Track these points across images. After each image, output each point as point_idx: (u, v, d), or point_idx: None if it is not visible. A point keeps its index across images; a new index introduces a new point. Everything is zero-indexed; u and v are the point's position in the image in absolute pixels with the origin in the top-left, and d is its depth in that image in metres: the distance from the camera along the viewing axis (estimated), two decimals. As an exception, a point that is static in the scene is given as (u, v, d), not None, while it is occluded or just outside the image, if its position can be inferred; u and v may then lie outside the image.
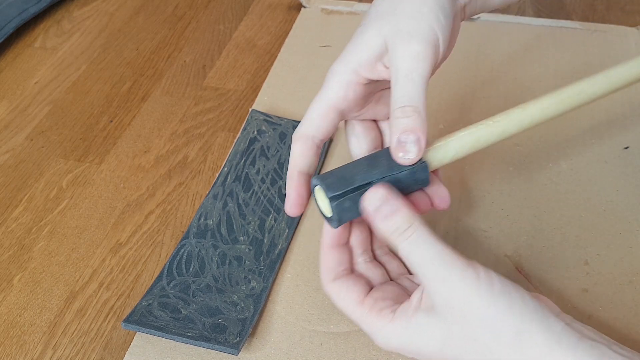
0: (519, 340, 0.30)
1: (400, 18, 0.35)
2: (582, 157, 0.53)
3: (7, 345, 0.43)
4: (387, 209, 0.33)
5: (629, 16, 0.70)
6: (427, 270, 0.32)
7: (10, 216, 0.51)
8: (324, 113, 0.37)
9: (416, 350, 0.33)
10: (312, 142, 0.37)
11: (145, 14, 0.75)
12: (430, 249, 0.32)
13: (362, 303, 0.35)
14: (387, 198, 0.33)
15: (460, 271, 0.31)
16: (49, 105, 0.62)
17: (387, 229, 0.33)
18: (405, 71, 0.34)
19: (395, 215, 0.33)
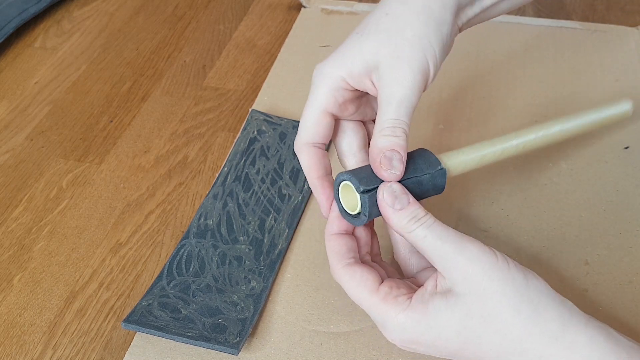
0: (537, 315, 0.31)
1: (399, 42, 0.36)
2: (582, 157, 0.53)
3: (7, 345, 0.43)
4: (404, 199, 0.34)
5: (629, 16, 0.70)
6: (446, 250, 0.33)
7: (10, 216, 0.51)
8: (318, 118, 0.38)
9: (431, 340, 0.33)
10: (315, 148, 0.38)
11: (145, 14, 0.75)
12: (447, 230, 0.33)
13: (376, 290, 0.34)
14: (402, 192, 0.34)
15: (478, 249, 0.32)
16: (49, 105, 0.62)
17: (404, 216, 0.34)
18: (398, 98, 0.35)
19: (411, 205, 0.34)
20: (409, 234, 0.34)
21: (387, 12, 0.37)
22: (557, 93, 0.59)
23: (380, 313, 0.34)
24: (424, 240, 0.33)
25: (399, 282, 0.36)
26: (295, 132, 0.55)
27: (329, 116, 0.38)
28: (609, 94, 0.59)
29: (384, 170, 0.35)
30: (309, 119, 0.38)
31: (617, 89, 0.59)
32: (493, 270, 0.32)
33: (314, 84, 0.38)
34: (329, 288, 0.45)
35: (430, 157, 0.37)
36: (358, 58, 0.37)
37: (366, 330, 0.42)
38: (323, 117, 0.38)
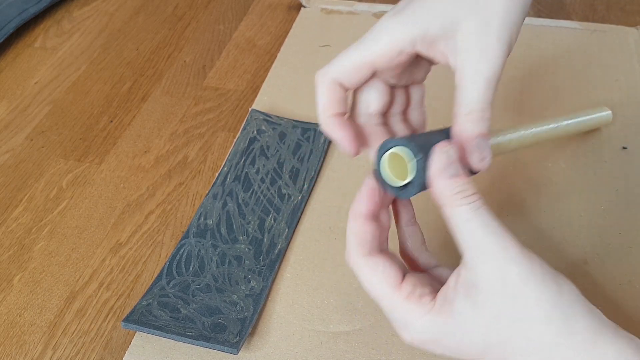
0: (569, 325, 0.29)
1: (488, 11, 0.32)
2: (581, 157, 0.53)
3: (7, 345, 0.43)
4: (456, 167, 0.31)
5: (629, 16, 0.70)
6: (486, 243, 0.29)
7: (10, 216, 0.51)
8: (360, 65, 0.33)
9: (455, 343, 0.30)
10: (340, 89, 0.34)
11: (145, 14, 0.75)
12: (493, 220, 0.30)
13: (399, 287, 0.31)
14: (457, 159, 0.31)
15: (519, 249, 0.29)
16: (49, 105, 0.62)
17: (453, 186, 0.30)
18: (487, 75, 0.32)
19: (463, 177, 0.30)
20: (451, 209, 0.30)
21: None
22: (556, 93, 0.59)
23: (402, 313, 0.31)
24: (466, 223, 0.30)
25: (422, 278, 0.33)
26: (295, 131, 0.55)
27: (371, 70, 0.34)
28: (609, 93, 0.59)
29: (475, 159, 0.32)
30: (350, 58, 0.34)
31: (617, 89, 0.59)
32: (529, 275, 0.29)
33: (372, 32, 0.33)
34: (328, 288, 0.45)
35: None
36: (437, 19, 0.32)
37: (366, 329, 0.42)
38: (364, 67, 0.33)
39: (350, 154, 0.34)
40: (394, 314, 0.32)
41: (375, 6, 0.71)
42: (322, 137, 0.55)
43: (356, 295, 0.44)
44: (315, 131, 0.55)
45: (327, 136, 0.35)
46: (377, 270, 0.32)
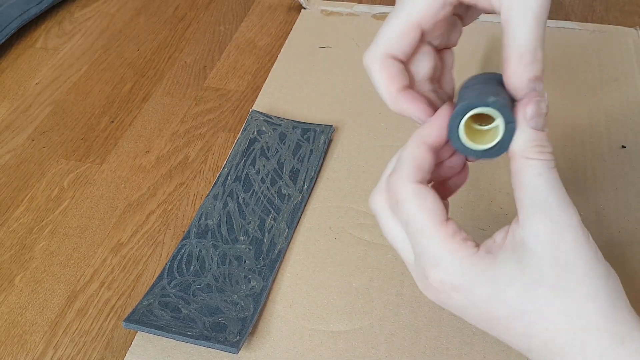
0: (612, 311, 0.27)
1: None
2: (580, 156, 0.53)
3: (8, 344, 0.43)
4: (542, 120, 0.29)
5: (628, 17, 0.70)
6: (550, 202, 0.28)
7: (11, 216, 0.52)
8: (408, 30, 0.31)
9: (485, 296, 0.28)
10: (395, 61, 0.32)
11: (146, 15, 0.75)
12: (560, 184, 0.28)
13: (444, 223, 0.29)
14: (544, 114, 0.29)
15: (578, 220, 0.28)
16: (50, 106, 0.63)
17: (535, 138, 0.29)
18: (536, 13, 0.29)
19: (544, 133, 0.29)
20: (524, 160, 0.28)
21: None
22: (555, 93, 0.59)
23: (441, 249, 0.29)
24: (535, 178, 0.28)
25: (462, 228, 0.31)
26: (295, 132, 0.55)
27: (418, 31, 0.31)
28: (608, 93, 0.59)
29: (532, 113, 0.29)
30: (393, 27, 0.31)
31: (616, 89, 0.59)
32: (583, 248, 0.27)
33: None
34: (328, 287, 0.45)
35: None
36: None
37: (365, 329, 0.42)
38: (411, 30, 0.31)
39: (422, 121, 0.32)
40: (430, 250, 0.29)
41: (375, 7, 0.72)
42: (322, 138, 0.55)
43: (356, 295, 0.44)
44: (315, 132, 0.55)
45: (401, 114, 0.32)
46: (427, 200, 0.29)
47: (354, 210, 0.50)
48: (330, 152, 0.55)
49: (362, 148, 0.55)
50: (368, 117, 0.58)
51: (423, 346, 0.41)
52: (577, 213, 0.28)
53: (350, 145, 0.55)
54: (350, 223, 0.49)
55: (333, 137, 0.56)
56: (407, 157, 0.30)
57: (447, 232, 0.29)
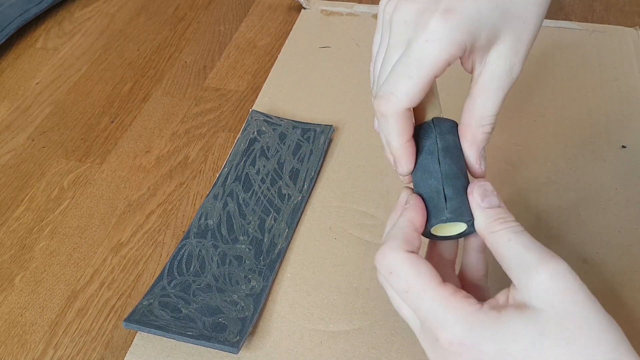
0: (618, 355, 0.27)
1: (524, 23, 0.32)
2: (580, 156, 0.53)
3: (8, 344, 0.43)
4: (494, 199, 0.32)
5: (628, 17, 0.70)
6: (529, 259, 0.29)
7: (11, 216, 0.52)
8: (426, 85, 0.32)
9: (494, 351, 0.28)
10: (410, 112, 0.34)
11: (146, 15, 0.75)
12: (534, 242, 0.30)
13: (443, 284, 0.30)
14: (493, 192, 0.33)
15: (565, 267, 0.29)
16: (50, 106, 0.63)
17: (491, 215, 0.31)
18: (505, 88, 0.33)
19: (501, 208, 0.32)
20: (492, 234, 0.31)
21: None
22: (555, 93, 0.59)
23: (446, 308, 0.29)
24: (508, 244, 0.30)
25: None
26: (295, 132, 0.55)
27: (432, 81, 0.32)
28: (608, 93, 0.59)
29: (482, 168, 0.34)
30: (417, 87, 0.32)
31: (616, 89, 0.59)
32: (578, 292, 0.28)
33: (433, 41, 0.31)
34: (328, 287, 0.45)
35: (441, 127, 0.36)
36: (485, 28, 0.31)
37: (365, 329, 0.42)
38: (429, 84, 0.32)
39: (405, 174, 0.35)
40: (434, 312, 0.30)
41: (375, 7, 0.72)
42: (322, 138, 0.55)
43: (356, 295, 0.44)
44: (315, 132, 0.55)
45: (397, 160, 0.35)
46: (420, 265, 0.31)
47: (354, 210, 0.50)
48: (330, 152, 0.55)
49: (362, 148, 0.55)
50: (368, 117, 0.58)
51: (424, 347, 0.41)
52: (562, 261, 0.29)
53: (350, 145, 0.55)
54: (350, 223, 0.49)
55: (333, 137, 0.56)
56: (396, 232, 0.32)
57: (448, 291, 0.30)
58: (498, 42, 0.32)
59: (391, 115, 0.33)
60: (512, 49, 0.33)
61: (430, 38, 0.31)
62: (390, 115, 0.33)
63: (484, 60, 0.33)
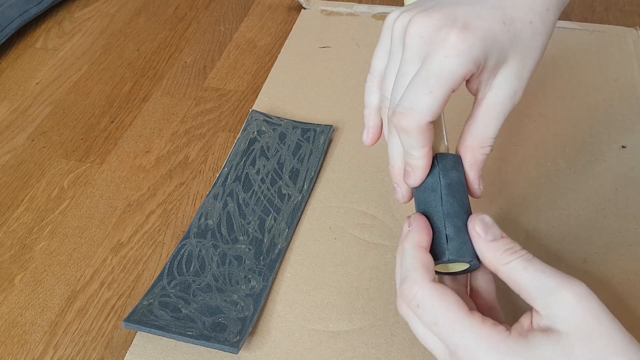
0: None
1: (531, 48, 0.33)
2: (580, 156, 0.53)
3: (8, 344, 0.43)
4: (496, 230, 0.32)
5: (628, 17, 0.70)
6: (550, 284, 0.29)
7: (11, 216, 0.52)
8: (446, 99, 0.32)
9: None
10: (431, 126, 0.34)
11: (146, 15, 0.75)
12: (548, 266, 0.30)
13: (470, 312, 0.30)
14: (493, 223, 0.33)
15: (584, 287, 0.29)
16: (50, 106, 0.63)
17: (499, 247, 0.31)
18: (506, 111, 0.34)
19: (505, 238, 0.32)
20: (505, 266, 0.31)
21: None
22: (555, 93, 0.59)
23: (477, 338, 0.30)
24: (524, 272, 0.30)
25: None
26: (295, 132, 0.55)
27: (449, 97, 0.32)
28: (608, 93, 0.59)
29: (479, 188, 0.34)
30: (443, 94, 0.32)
31: (616, 89, 0.59)
32: (601, 312, 0.29)
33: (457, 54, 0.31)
34: (328, 287, 0.45)
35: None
36: (497, 50, 0.32)
37: (365, 329, 0.42)
38: (448, 97, 0.32)
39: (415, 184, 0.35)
40: (465, 342, 0.30)
41: (375, 7, 0.72)
42: (322, 138, 0.55)
43: (356, 295, 0.44)
44: (315, 132, 0.56)
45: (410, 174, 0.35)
46: (447, 297, 0.31)
47: (354, 210, 0.50)
48: (330, 152, 0.55)
49: (362, 148, 0.55)
50: (368, 117, 0.58)
51: (423, 346, 0.41)
52: (581, 282, 0.30)
53: (350, 145, 0.55)
54: (350, 223, 0.49)
55: (333, 137, 0.56)
56: (412, 262, 0.32)
57: (476, 320, 0.30)
58: (505, 66, 0.33)
59: (413, 129, 0.32)
60: (517, 75, 0.33)
61: (449, 54, 0.31)
62: (412, 130, 0.33)
63: (489, 83, 0.34)
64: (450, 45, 0.31)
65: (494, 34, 0.32)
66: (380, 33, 0.37)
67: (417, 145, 0.33)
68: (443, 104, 0.32)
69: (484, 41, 0.32)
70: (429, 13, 0.33)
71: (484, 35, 0.32)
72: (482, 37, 0.32)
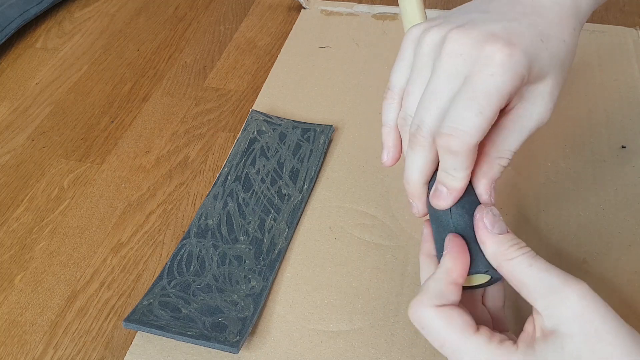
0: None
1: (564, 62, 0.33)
2: (580, 156, 0.53)
3: (8, 344, 0.43)
4: (502, 224, 0.32)
5: (628, 17, 0.70)
6: (554, 283, 0.29)
7: (11, 216, 0.52)
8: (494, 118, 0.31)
9: None
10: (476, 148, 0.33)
11: (146, 15, 0.75)
12: (551, 265, 0.30)
13: (478, 332, 0.30)
14: (500, 216, 0.32)
15: (586, 287, 0.29)
16: (50, 106, 0.63)
17: (505, 241, 0.31)
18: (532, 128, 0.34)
19: (510, 232, 0.32)
20: (509, 262, 0.30)
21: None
22: (556, 93, 0.59)
23: (488, 355, 0.30)
24: (529, 269, 0.30)
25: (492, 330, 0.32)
26: (295, 132, 0.55)
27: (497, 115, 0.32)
28: (608, 93, 0.59)
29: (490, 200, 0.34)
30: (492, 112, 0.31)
31: (616, 89, 0.59)
32: (605, 311, 0.29)
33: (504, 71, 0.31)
34: (328, 287, 0.45)
35: None
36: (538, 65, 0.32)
37: (365, 329, 0.42)
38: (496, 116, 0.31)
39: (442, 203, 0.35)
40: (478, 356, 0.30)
41: (375, 7, 0.72)
42: (322, 138, 0.55)
43: (356, 295, 0.44)
44: (315, 132, 0.56)
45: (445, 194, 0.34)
46: (453, 317, 0.31)
47: (354, 210, 0.50)
48: (330, 152, 0.55)
49: (362, 148, 0.55)
50: (368, 117, 0.58)
51: (423, 346, 0.41)
52: (583, 282, 0.29)
53: (350, 145, 0.55)
54: (350, 223, 0.49)
55: (333, 137, 0.56)
56: (428, 285, 0.32)
57: (483, 340, 0.30)
58: (541, 82, 0.33)
59: (462, 151, 0.32)
60: (550, 92, 0.33)
61: (495, 72, 0.30)
62: (461, 152, 0.32)
63: (522, 95, 0.33)
64: (496, 63, 0.30)
65: (535, 51, 0.32)
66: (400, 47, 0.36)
67: (462, 167, 0.32)
68: (491, 123, 0.31)
69: (527, 57, 0.31)
70: (465, 30, 0.32)
71: (527, 51, 0.31)
72: (525, 53, 0.31)
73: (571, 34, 0.34)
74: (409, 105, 0.35)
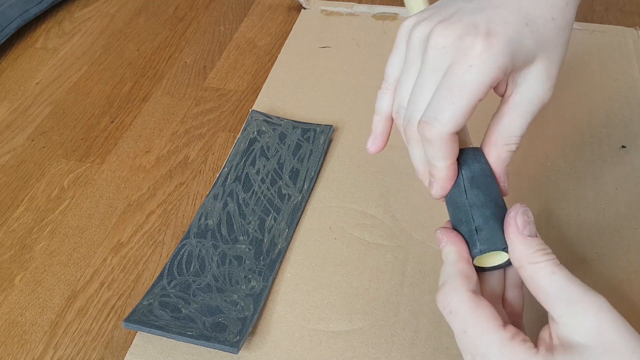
0: None
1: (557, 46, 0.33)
2: (580, 156, 0.53)
3: (8, 344, 0.43)
4: (533, 227, 0.32)
5: (628, 17, 0.70)
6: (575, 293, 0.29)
7: (11, 216, 0.52)
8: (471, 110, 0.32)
9: None
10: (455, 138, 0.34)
11: (146, 15, 0.75)
12: (573, 276, 0.30)
13: (504, 327, 0.30)
14: (532, 219, 0.32)
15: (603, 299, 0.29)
16: (50, 106, 0.63)
17: (533, 244, 0.31)
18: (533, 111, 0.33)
19: (539, 237, 0.32)
20: (532, 265, 0.30)
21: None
22: (555, 93, 0.59)
23: (504, 352, 0.30)
24: (551, 276, 0.30)
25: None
26: (295, 132, 0.55)
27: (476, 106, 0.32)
28: (608, 93, 0.59)
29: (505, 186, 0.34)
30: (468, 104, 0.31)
31: (616, 88, 0.59)
32: (621, 325, 0.29)
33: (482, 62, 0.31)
34: (328, 287, 0.45)
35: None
36: (523, 52, 0.32)
37: (365, 329, 0.42)
38: (473, 108, 0.32)
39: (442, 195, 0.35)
40: (496, 353, 0.30)
41: (375, 7, 0.72)
42: (322, 138, 0.55)
43: (356, 295, 0.44)
44: (315, 132, 0.55)
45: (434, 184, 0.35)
46: (484, 307, 0.31)
47: (354, 210, 0.50)
48: (330, 152, 0.55)
49: (362, 148, 0.55)
50: (368, 117, 0.58)
51: (423, 346, 0.41)
52: (601, 296, 0.29)
53: (350, 145, 0.55)
54: (350, 223, 0.49)
55: (333, 137, 0.56)
56: (454, 272, 0.32)
57: (507, 335, 0.30)
58: (532, 65, 0.33)
59: (436, 140, 0.32)
60: (546, 73, 0.33)
61: (474, 63, 0.31)
62: (435, 141, 0.33)
63: (516, 82, 0.33)
64: (474, 55, 0.31)
65: (519, 37, 0.32)
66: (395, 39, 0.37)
67: (440, 156, 0.33)
68: (467, 115, 0.32)
69: (509, 46, 0.31)
70: (450, 22, 0.32)
71: (509, 39, 0.31)
72: (507, 42, 0.31)
73: (562, 10, 0.33)
74: (401, 97, 0.36)
